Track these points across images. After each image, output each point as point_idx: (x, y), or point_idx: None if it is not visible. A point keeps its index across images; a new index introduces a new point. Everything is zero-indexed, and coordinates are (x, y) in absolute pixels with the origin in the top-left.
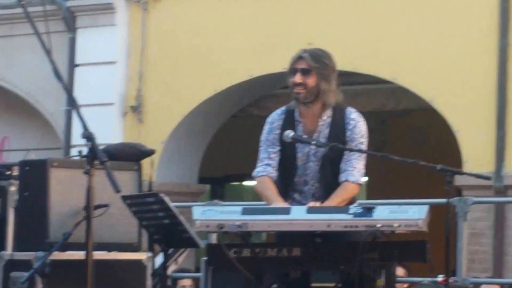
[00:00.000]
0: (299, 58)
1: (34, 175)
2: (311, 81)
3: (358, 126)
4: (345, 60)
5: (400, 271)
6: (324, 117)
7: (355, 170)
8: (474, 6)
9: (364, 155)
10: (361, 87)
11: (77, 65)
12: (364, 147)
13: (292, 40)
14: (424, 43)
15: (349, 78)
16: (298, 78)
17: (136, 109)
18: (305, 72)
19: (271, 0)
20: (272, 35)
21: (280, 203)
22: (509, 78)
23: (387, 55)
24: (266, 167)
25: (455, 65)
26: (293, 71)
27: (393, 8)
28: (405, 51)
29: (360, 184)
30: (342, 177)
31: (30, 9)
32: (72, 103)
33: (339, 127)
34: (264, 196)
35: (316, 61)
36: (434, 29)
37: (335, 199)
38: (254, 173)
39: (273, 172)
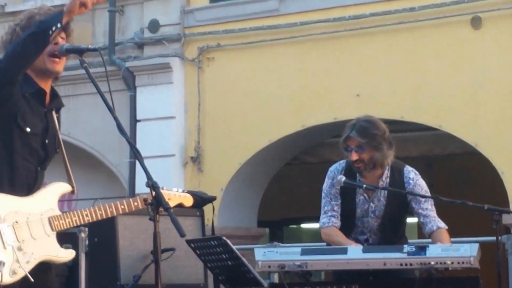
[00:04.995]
0: (348, 136)
1: (103, 222)
2: (365, 155)
3: (418, 184)
4: (392, 109)
5: None
6: (384, 178)
7: (437, 218)
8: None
9: (433, 205)
10: (408, 134)
11: (139, 121)
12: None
13: (342, 91)
14: (466, 91)
15: (396, 126)
16: (354, 156)
17: (195, 160)
18: (359, 149)
19: (319, 53)
20: (322, 87)
21: (354, 244)
22: None
23: (431, 104)
24: (331, 218)
25: (496, 110)
26: (347, 149)
27: (435, 60)
28: (448, 99)
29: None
30: (430, 228)
31: (92, 70)
32: (136, 155)
33: (398, 187)
34: (336, 242)
35: (364, 136)
36: (474, 77)
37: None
38: (321, 224)
39: (337, 222)
